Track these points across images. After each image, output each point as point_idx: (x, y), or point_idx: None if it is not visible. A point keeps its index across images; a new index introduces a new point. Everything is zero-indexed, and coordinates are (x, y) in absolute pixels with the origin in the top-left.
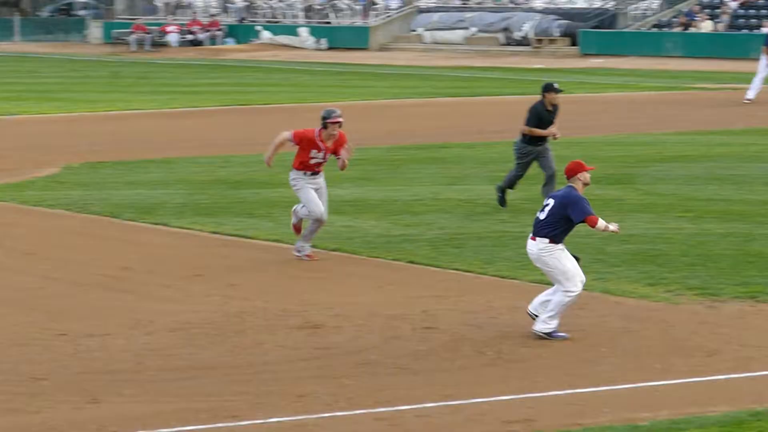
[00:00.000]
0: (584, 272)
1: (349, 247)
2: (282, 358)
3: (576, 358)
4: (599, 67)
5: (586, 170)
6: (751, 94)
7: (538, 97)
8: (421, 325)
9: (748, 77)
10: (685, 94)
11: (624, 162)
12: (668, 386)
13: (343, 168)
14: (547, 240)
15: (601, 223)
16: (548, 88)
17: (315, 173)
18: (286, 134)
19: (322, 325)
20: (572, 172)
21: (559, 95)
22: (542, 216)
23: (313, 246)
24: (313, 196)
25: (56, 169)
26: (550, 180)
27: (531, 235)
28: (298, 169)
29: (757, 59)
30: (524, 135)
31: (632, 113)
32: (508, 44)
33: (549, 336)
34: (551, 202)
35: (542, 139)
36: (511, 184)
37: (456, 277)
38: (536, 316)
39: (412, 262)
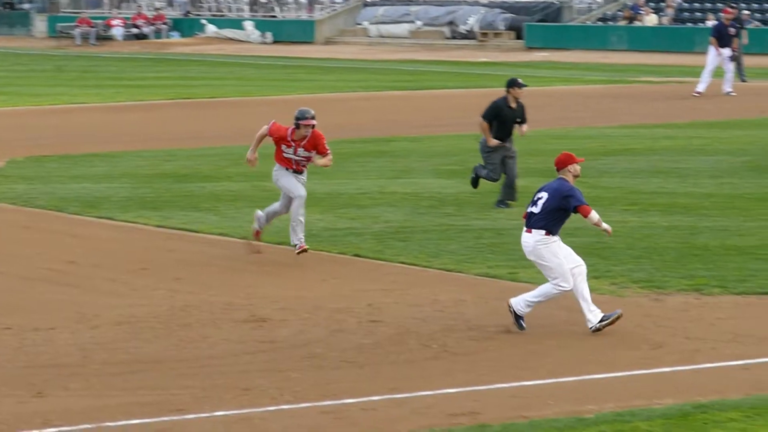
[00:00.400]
0: (529, 264)
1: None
2: (227, 351)
3: (521, 350)
4: (544, 61)
5: (576, 162)
6: (701, 88)
7: (484, 91)
8: (366, 319)
9: (692, 71)
10: (629, 87)
11: None
12: (613, 379)
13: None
14: (543, 231)
15: (594, 215)
16: (512, 84)
17: (296, 171)
18: (265, 127)
19: (268, 319)
20: (562, 164)
21: (523, 90)
22: (536, 209)
23: (259, 240)
24: (293, 181)
25: (0, 163)
26: (510, 185)
27: (525, 228)
28: (279, 164)
29: (702, 53)
30: (491, 133)
31: (577, 107)
32: (454, 38)
33: (516, 317)
34: (544, 195)
35: (507, 137)
36: (489, 178)
37: (401, 270)
38: (516, 313)
39: (357, 255)
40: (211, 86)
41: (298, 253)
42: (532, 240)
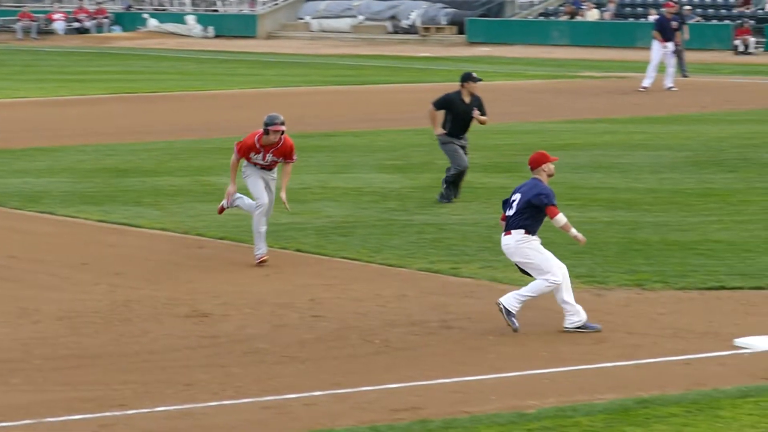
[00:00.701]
0: (471, 260)
1: (236, 236)
2: (169, 346)
3: (463, 346)
4: (486, 56)
5: (550, 161)
6: (647, 83)
7: (426, 86)
8: (308, 314)
9: (634, 66)
10: (571, 82)
11: (511, 150)
12: (555, 374)
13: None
14: (522, 231)
15: (562, 218)
16: (466, 78)
17: (264, 168)
18: (233, 155)
19: (210, 314)
20: (537, 163)
21: (478, 84)
22: (512, 212)
23: (200, 235)
24: (259, 185)
25: None
26: (458, 174)
27: (504, 231)
28: (248, 162)
29: (644, 48)
30: (444, 127)
31: (519, 102)
32: (396, 32)
33: (508, 315)
34: (518, 197)
35: (462, 132)
36: (454, 178)
37: (343, 265)
38: (507, 310)
39: (299, 250)
40: (152, 80)
41: (258, 263)
42: (513, 240)
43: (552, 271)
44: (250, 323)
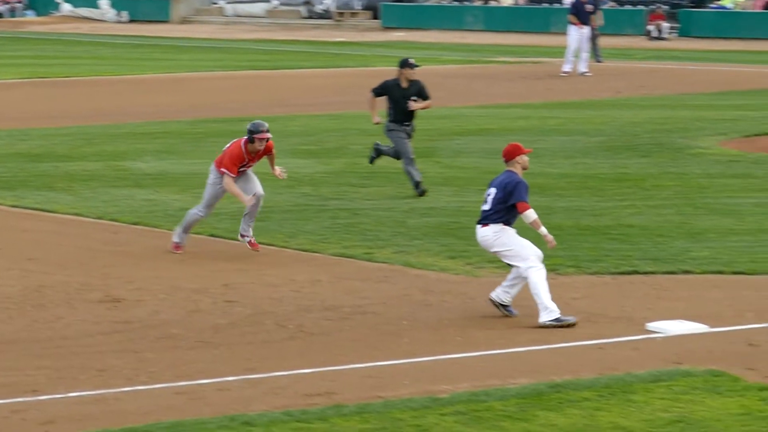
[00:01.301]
0: (385, 245)
1: (150, 221)
2: (82, 332)
3: (377, 331)
4: (401, 41)
5: (524, 153)
6: (567, 68)
7: (340, 71)
8: (222, 299)
9: (548, 51)
10: (486, 67)
11: (425, 135)
12: (469, 358)
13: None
14: (501, 224)
15: (532, 214)
16: (403, 64)
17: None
18: (229, 178)
19: (123, 299)
20: (510, 155)
21: (416, 70)
22: (487, 207)
23: (114, 220)
24: (254, 181)
25: None
26: (394, 156)
27: (481, 223)
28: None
29: (558, 33)
30: (388, 115)
31: (433, 87)
32: (310, 17)
33: (503, 307)
34: (492, 191)
35: (408, 120)
36: (394, 154)
37: (258, 251)
38: (502, 304)
39: (213, 235)
40: (66, 65)
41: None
42: (491, 232)
43: (531, 258)
44: (163, 308)
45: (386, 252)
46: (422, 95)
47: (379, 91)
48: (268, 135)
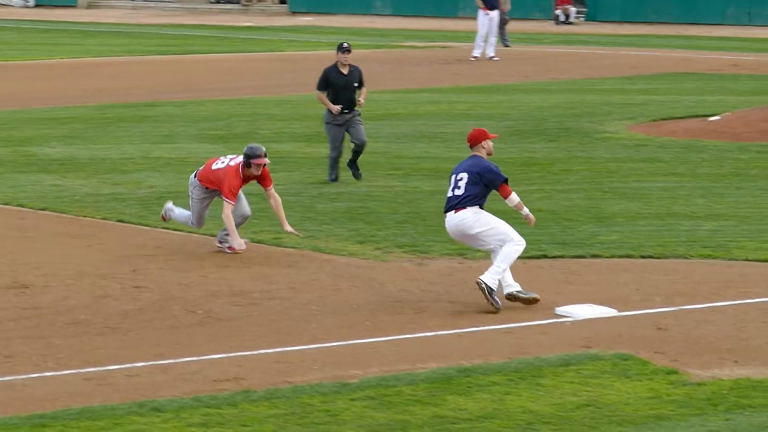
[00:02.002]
0: (294, 230)
1: (57, 206)
2: None
3: (286, 316)
4: (309, 25)
5: (489, 138)
6: (476, 52)
7: (248, 56)
8: (130, 284)
9: (456, 36)
10: (393, 52)
11: None
12: (378, 343)
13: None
14: (477, 207)
15: (515, 197)
16: (337, 49)
17: None
18: (228, 208)
19: (31, 285)
20: (476, 140)
21: (348, 55)
22: (460, 192)
23: (21, 206)
24: (243, 202)
25: None
26: (357, 150)
27: (453, 210)
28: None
29: (466, 18)
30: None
31: None
32: (218, 2)
33: (490, 294)
34: (464, 175)
35: (348, 108)
36: (333, 160)
37: (166, 236)
38: (489, 288)
39: (121, 221)
40: None
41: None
42: (470, 213)
43: (509, 234)
44: (71, 294)
45: (295, 237)
46: (360, 81)
47: (322, 84)
48: (266, 160)
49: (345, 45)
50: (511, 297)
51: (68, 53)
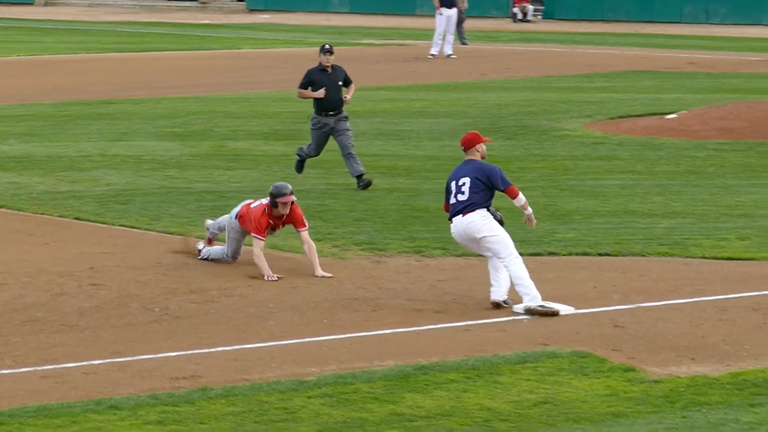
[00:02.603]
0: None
1: (14, 204)
2: None
3: (243, 314)
4: (267, 23)
5: (483, 141)
6: (434, 50)
7: (206, 53)
8: (87, 282)
9: (414, 33)
10: (351, 49)
11: (292, 118)
12: (335, 341)
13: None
14: (484, 210)
15: (522, 197)
16: (319, 51)
17: None
18: (260, 243)
19: None
20: (470, 143)
21: (330, 56)
22: (464, 197)
23: None
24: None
25: None
26: (347, 157)
27: (460, 214)
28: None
29: (423, 15)
30: (315, 106)
31: (300, 69)
32: None
33: (543, 308)
34: (466, 180)
35: (334, 111)
36: (306, 155)
37: (123, 233)
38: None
39: (78, 218)
40: None
41: None
42: (479, 216)
43: (511, 247)
44: (28, 292)
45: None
46: (346, 80)
47: (305, 86)
48: (293, 198)
49: (327, 47)
50: (496, 304)
51: (25, 50)
